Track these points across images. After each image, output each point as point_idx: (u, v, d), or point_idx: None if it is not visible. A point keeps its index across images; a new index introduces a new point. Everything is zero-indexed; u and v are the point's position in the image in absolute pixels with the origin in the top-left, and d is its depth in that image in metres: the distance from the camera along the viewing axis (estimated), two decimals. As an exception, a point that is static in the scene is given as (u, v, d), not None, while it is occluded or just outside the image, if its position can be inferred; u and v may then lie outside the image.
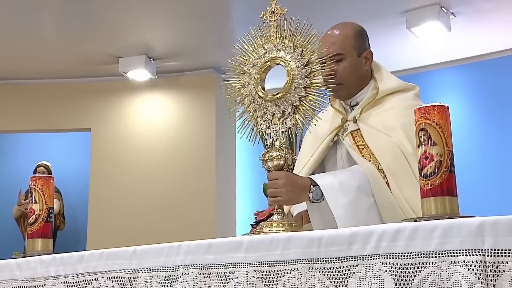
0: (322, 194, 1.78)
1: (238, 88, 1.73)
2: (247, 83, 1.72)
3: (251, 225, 4.45)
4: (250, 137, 1.73)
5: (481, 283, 1.08)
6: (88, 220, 6.21)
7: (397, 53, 5.68)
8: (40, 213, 1.91)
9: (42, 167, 7.06)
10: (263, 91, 1.70)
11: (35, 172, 7.07)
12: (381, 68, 2.04)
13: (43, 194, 1.93)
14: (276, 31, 1.72)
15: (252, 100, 1.69)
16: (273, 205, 1.71)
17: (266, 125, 1.67)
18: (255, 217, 4.42)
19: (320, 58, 1.90)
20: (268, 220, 1.65)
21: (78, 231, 7.01)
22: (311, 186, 1.78)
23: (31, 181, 1.95)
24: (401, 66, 5.89)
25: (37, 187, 1.93)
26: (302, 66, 1.66)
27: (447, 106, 1.33)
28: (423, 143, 1.30)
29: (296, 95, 1.65)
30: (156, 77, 6.05)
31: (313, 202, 1.80)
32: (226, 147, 6.31)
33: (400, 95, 1.99)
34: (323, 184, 1.78)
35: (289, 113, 1.66)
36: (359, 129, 1.97)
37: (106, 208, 6.12)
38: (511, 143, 5.61)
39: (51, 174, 7.04)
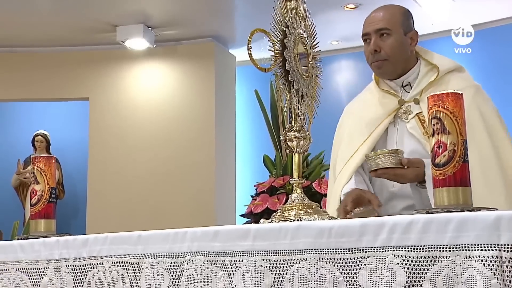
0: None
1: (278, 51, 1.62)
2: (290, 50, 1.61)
3: (252, 196, 4.45)
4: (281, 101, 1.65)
5: (497, 279, 1.06)
6: (88, 189, 6.22)
7: (399, 21, 5.59)
8: (43, 193, 1.89)
9: (40, 136, 7.03)
10: (300, 66, 1.64)
11: (33, 141, 7.05)
12: (427, 50, 2.02)
13: (45, 174, 1.91)
14: (297, 6, 1.66)
15: (291, 69, 1.61)
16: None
17: (296, 100, 1.62)
18: (256, 189, 4.42)
19: (365, 33, 1.93)
20: (288, 202, 1.62)
21: (77, 199, 7.03)
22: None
23: (33, 161, 1.93)
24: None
25: (39, 167, 1.91)
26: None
27: (461, 94, 1.29)
28: (436, 132, 1.27)
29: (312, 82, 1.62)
30: (154, 46, 5.96)
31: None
32: (226, 116, 6.27)
33: (458, 74, 1.97)
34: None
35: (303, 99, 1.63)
36: (422, 112, 1.93)
37: (105, 177, 6.12)
38: (509, 113, 5.57)
39: (49, 143, 7.02)
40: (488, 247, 1.09)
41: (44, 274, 1.64)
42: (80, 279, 1.59)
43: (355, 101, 2.18)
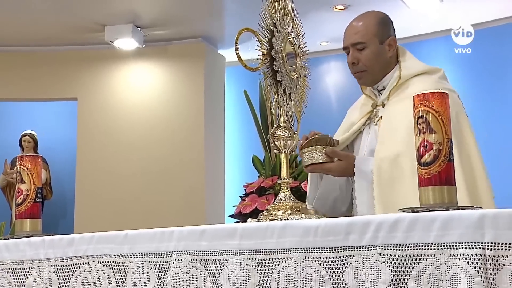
0: None
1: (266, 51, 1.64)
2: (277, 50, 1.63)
3: (241, 197, 4.44)
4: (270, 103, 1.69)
5: (481, 277, 1.07)
6: (76, 189, 6.18)
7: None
8: (28, 193, 1.87)
9: (27, 136, 6.97)
10: (288, 66, 1.65)
11: (20, 141, 6.99)
12: (405, 53, 2.09)
13: (30, 174, 1.89)
14: (285, 6, 1.67)
15: (279, 69, 1.62)
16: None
17: (284, 100, 1.62)
18: (245, 189, 4.42)
19: (344, 47, 2.03)
20: (275, 202, 1.63)
21: (65, 200, 6.98)
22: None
23: (19, 160, 1.91)
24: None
25: (25, 167, 1.89)
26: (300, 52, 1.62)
27: (447, 93, 1.30)
28: (422, 131, 1.27)
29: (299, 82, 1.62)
30: (144, 46, 5.95)
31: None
32: (215, 117, 6.26)
33: (425, 77, 2.02)
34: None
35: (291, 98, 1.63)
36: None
37: (93, 177, 6.09)
38: (502, 113, 5.63)
39: (37, 144, 6.98)
40: (472, 245, 1.10)
41: (29, 274, 1.63)
42: (65, 279, 1.58)
43: (353, 104, 2.29)
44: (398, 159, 1.83)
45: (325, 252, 1.24)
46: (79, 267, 1.57)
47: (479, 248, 1.09)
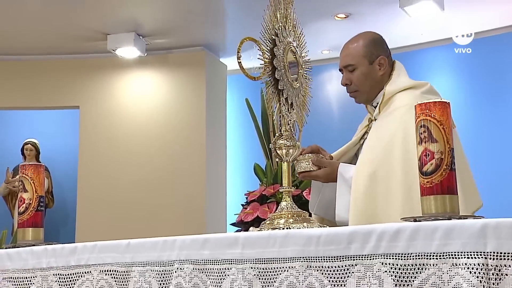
0: None
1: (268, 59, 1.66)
2: (279, 59, 1.65)
3: (242, 205, 4.44)
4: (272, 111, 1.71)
5: (483, 286, 1.07)
6: (77, 197, 6.18)
7: (389, 31, 5.62)
8: (31, 202, 1.88)
9: (29, 145, 6.99)
10: (290, 75, 1.67)
11: (22, 150, 7.00)
12: (396, 68, 2.15)
13: (33, 182, 1.90)
14: (287, 15, 1.68)
15: (281, 78, 1.64)
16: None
17: (286, 109, 1.64)
18: (246, 198, 4.41)
19: (340, 68, 2.14)
20: (277, 210, 1.63)
21: (67, 208, 6.98)
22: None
23: (21, 169, 1.92)
24: (394, 44, 5.85)
25: (27, 175, 1.90)
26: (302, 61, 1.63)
27: (449, 102, 1.30)
28: (423, 140, 1.27)
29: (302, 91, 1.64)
30: (146, 54, 5.97)
31: None
32: (217, 125, 6.27)
33: (408, 92, 2.07)
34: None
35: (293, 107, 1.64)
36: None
37: (95, 185, 6.09)
38: (503, 121, 5.63)
39: (39, 152, 6.99)
40: (474, 254, 1.10)
41: (31, 283, 1.63)
42: (67, 287, 1.58)
43: None
44: (375, 174, 1.90)
45: (327, 261, 1.24)
46: (81, 276, 1.57)
47: (482, 257, 1.09)
